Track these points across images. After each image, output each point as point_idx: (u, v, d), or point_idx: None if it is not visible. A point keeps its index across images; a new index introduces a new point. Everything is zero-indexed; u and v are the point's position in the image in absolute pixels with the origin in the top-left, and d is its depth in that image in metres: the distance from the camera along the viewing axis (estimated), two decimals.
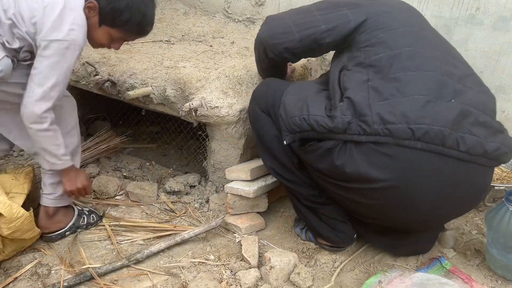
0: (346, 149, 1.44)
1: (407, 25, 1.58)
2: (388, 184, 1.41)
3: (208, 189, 2.17)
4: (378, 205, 1.50)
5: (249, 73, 2.18)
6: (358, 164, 1.42)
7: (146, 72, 2.12)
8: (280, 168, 1.73)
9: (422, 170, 1.39)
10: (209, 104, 1.95)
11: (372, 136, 1.39)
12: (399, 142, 1.37)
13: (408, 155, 1.38)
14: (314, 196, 1.72)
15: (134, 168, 2.40)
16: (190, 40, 2.65)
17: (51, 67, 1.47)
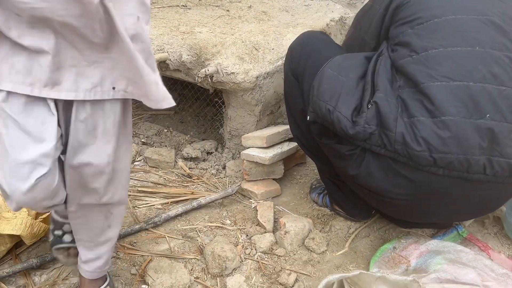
0: (363, 158, 1.34)
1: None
2: (403, 198, 1.34)
3: (224, 155, 2.18)
4: (390, 206, 1.46)
5: (266, 38, 2.14)
6: (373, 178, 1.34)
7: (162, 37, 2.11)
8: (305, 140, 1.69)
9: (441, 193, 1.30)
10: (225, 70, 1.94)
11: (392, 153, 1.28)
12: (418, 167, 1.26)
13: (427, 179, 1.27)
14: (336, 175, 1.66)
15: (152, 134, 2.43)
16: (207, 4, 2.60)
17: None
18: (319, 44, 1.61)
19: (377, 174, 1.32)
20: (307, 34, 1.68)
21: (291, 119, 1.74)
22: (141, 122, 2.53)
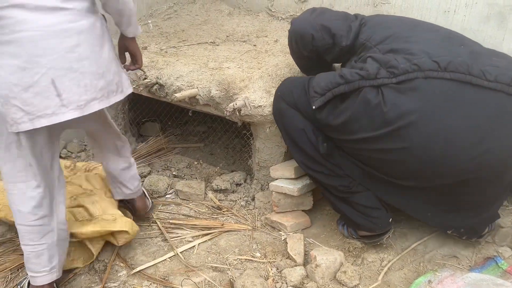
0: (378, 91, 1.52)
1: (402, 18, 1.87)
2: (421, 116, 1.45)
3: (253, 187, 2.20)
4: (411, 149, 1.49)
5: (291, 71, 2.18)
6: (392, 99, 1.49)
7: (192, 74, 2.18)
8: (309, 161, 1.76)
9: (453, 99, 1.45)
10: (253, 103, 1.98)
11: (402, 76, 1.49)
12: (428, 74, 1.47)
13: (439, 85, 1.46)
14: (344, 186, 1.73)
15: (182, 167, 2.48)
16: (234, 40, 2.69)
17: None
18: (302, 77, 1.92)
19: (394, 95, 1.49)
20: (290, 77, 1.99)
21: (294, 148, 1.81)
22: (172, 155, 2.60)
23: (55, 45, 1.33)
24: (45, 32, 1.32)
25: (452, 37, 1.66)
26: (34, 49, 1.31)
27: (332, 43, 1.81)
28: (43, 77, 1.33)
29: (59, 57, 1.34)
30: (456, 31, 1.79)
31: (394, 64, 1.52)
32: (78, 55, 1.37)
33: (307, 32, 1.83)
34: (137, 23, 1.66)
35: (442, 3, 2.24)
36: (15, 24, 1.29)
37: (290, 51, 2.05)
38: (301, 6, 2.80)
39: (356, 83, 1.56)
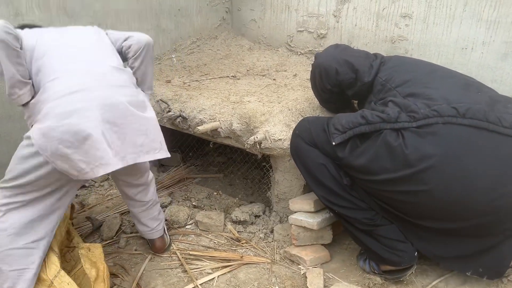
0: (398, 134, 1.58)
1: (419, 62, 1.91)
2: (441, 160, 1.49)
3: (272, 219, 2.21)
4: (432, 192, 1.52)
5: (311, 105, 2.23)
6: (412, 142, 1.53)
7: (214, 107, 2.25)
8: (331, 195, 1.77)
9: (471, 145, 1.49)
10: (273, 137, 2.02)
11: (422, 120, 1.55)
12: (447, 120, 1.52)
13: (457, 131, 1.51)
14: (368, 219, 1.73)
15: (202, 197, 2.52)
16: (255, 74, 2.77)
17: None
18: (321, 117, 1.93)
19: (414, 139, 1.53)
20: (308, 117, 1.98)
21: (314, 184, 1.82)
22: (192, 185, 2.64)
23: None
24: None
25: (469, 84, 1.70)
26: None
27: (355, 78, 1.88)
28: (95, 130, 1.46)
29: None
30: (473, 77, 1.84)
31: (414, 109, 1.57)
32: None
33: (331, 66, 1.91)
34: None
35: (460, 40, 2.29)
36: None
37: (312, 84, 2.11)
38: (320, 42, 2.88)
39: (377, 125, 1.62)
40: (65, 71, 1.54)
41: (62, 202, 1.62)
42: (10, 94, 1.53)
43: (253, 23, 3.21)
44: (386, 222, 1.73)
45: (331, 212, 1.87)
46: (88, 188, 2.56)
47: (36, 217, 1.56)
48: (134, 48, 1.77)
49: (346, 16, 2.70)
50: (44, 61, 1.55)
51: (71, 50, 1.63)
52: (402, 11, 2.46)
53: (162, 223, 2.02)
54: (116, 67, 1.65)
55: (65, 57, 1.59)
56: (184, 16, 2.98)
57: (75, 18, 2.35)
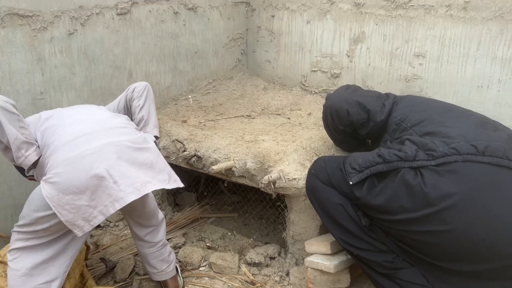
0: (416, 172, 1.55)
1: (433, 101, 1.91)
2: (462, 198, 1.44)
3: (288, 261, 2.16)
4: (453, 232, 1.46)
5: (326, 144, 2.23)
6: (432, 180, 1.50)
7: (228, 147, 2.26)
8: (349, 237, 1.72)
9: (492, 183, 1.45)
10: (287, 176, 2.01)
11: (441, 159, 1.52)
12: (467, 158, 1.49)
13: (477, 169, 1.48)
14: (388, 261, 1.67)
15: (217, 238, 2.48)
16: (269, 113, 2.79)
17: None
18: (336, 156, 1.95)
19: (434, 177, 1.50)
20: (323, 156, 1.97)
21: (331, 225, 1.78)
22: (206, 225, 2.61)
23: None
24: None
25: (485, 122, 1.69)
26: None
27: (367, 118, 1.88)
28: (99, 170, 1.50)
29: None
30: (491, 115, 1.84)
31: (432, 147, 1.55)
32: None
33: (342, 107, 1.91)
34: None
35: (475, 78, 2.28)
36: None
37: (324, 124, 2.11)
38: (334, 82, 2.91)
39: (395, 163, 1.60)
40: (66, 125, 1.64)
41: (74, 243, 1.63)
42: (17, 158, 1.60)
43: (267, 64, 3.27)
44: (407, 265, 1.67)
45: (349, 254, 1.81)
46: (103, 228, 2.56)
47: (48, 258, 1.56)
48: (138, 88, 2.00)
49: (360, 56, 2.74)
50: (49, 123, 1.67)
51: (73, 112, 1.78)
52: (415, 50, 2.48)
53: (172, 264, 1.98)
54: (112, 114, 1.82)
55: (67, 117, 1.72)
56: (201, 58, 3.07)
57: (95, 62, 2.44)
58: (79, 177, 1.46)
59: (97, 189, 1.48)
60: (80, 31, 2.33)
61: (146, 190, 1.56)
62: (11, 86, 2.11)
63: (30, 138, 1.61)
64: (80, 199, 1.46)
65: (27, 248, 1.55)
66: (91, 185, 1.47)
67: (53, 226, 1.52)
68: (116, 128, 1.68)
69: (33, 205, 1.52)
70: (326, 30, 2.85)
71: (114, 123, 1.72)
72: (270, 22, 3.15)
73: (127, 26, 2.55)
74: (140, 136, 1.71)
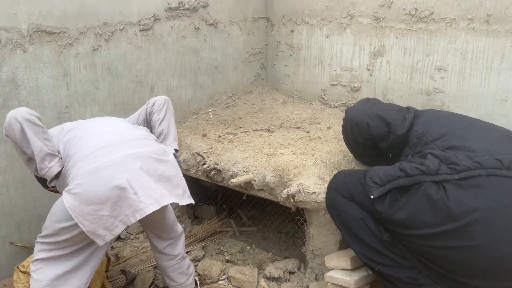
0: (439, 186, 1.52)
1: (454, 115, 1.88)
2: (487, 213, 1.41)
3: (307, 276, 2.13)
4: (479, 247, 1.42)
5: (345, 158, 2.21)
6: (455, 195, 1.47)
7: (248, 160, 2.27)
8: (371, 252, 1.69)
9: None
10: (307, 190, 2.00)
11: (464, 173, 1.49)
12: (491, 172, 1.46)
13: (502, 184, 1.44)
14: (411, 277, 1.63)
15: (235, 251, 2.48)
16: (288, 127, 2.79)
17: None
18: (357, 170, 1.92)
19: (457, 191, 1.47)
20: (344, 170, 1.97)
21: (351, 239, 1.75)
22: (225, 238, 2.61)
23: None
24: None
25: (509, 136, 1.66)
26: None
27: (387, 131, 1.86)
28: (120, 181, 1.52)
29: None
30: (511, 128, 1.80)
31: (455, 161, 1.53)
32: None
33: (363, 121, 1.90)
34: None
35: (498, 92, 2.24)
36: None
37: (344, 138, 2.10)
38: (354, 95, 2.90)
39: (417, 178, 1.57)
40: (88, 136, 1.67)
41: (96, 254, 1.65)
42: (40, 169, 1.63)
43: (287, 78, 3.29)
44: (430, 282, 1.62)
45: (370, 270, 1.78)
46: (123, 240, 2.58)
47: (71, 269, 1.59)
48: (158, 102, 2.02)
49: (380, 70, 2.73)
50: (71, 135, 1.71)
51: (95, 124, 1.81)
52: (436, 64, 2.46)
53: (191, 277, 1.98)
54: (133, 126, 1.86)
55: (89, 128, 1.75)
56: (221, 72, 3.11)
57: (118, 77, 2.50)
58: (101, 188, 1.49)
59: (119, 199, 1.50)
60: (104, 47, 2.40)
61: (165, 202, 1.58)
62: (37, 101, 2.19)
63: (53, 150, 1.65)
64: (102, 209, 1.48)
65: (50, 259, 1.58)
66: (112, 196, 1.49)
67: (75, 236, 1.54)
68: (136, 140, 1.71)
69: (56, 216, 1.55)
70: (345, 44, 2.86)
71: (135, 134, 1.75)
72: (289, 37, 3.18)
73: (149, 42, 2.61)
74: (160, 148, 1.74)
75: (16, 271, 1.81)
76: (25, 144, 1.60)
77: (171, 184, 1.65)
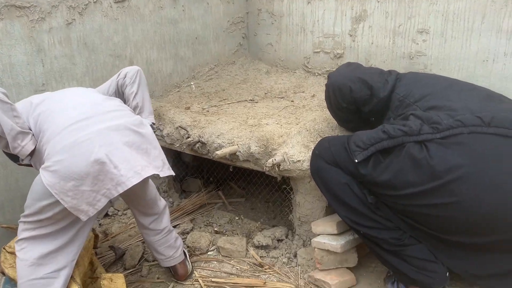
0: (421, 146, 1.54)
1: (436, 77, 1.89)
2: (469, 170, 1.44)
3: (295, 243, 2.16)
4: (461, 203, 1.46)
5: (329, 125, 2.21)
6: (438, 153, 1.50)
7: (232, 131, 2.25)
8: (356, 216, 1.72)
9: (499, 154, 1.45)
10: (291, 158, 2.00)
11: (446, 131, 1.51)
12: (472, 130, 1.49)
13: (483, 140, 1.47)
14: (395, 238, 1.67)
15: (224, 222, 2.50)
16: (273, 97, 2.77)
17: None
18: (340, 136, 1.90)
19: (440, 150, 1.50)
20: (327, 137, 1.94)
21: (337, 204, 1.77)
22: (214, 210, 2.62)
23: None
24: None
25: (490, 95, 1.67)
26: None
27: (370, 94, 1.86)
28: (98, 155, 1.50)
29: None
30: (497, 89, 1.82)
31: (437, 120, 1.54)
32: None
33: (345, 85, 1.89)
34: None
35: (480, 53, 2.24)
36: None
37: (328, 104, 2.09)
38: (337, 62, 2.87)
39: (400, 139, 1.58)
40: (60, 110, 1.61)
41: (81, 232, 1.64)
42: (13, 148, 1.56)
43: (269, 47, 3.24)
44: (414, 242, 1.66)
45: (356, 233, 1.81)
46: (111, 217, 2.58)
47: (57, 248, 1.58)
48: (130, 74, 1.93)
49: (362, 35, 2.69)
50: (41, 109, 1.63)
51: (65, 96, 1.74)
52: (418, 27, 2.44)
53: (179, 250, 2.00)
54: (106, 97, 1.78)
55: (59, 102, 1.67)
56: (202, 43, 3.04)
57: (95, 52, 2.43)
58: (80, 163, 1.46)
59: (99, 174, 1.48)
60: (78, 20, 2.32)
61: (146, 174, 1.57)
62: (12, 79, 2.12)
63: (24, 127, 1.57)
64: (82, 184, 1.46)
65: (34, 237, 1.56)
66: (92, 170, 1.47)
67: (57, 213, 1.53)
68: (112, 112, 1.66)
69: (36, 194, 1.52)
70: (327, 10, 2.81)
71: (109, 106, 1.69)
72: (270, 4, 3.11)
73: (125, 14, 2.53)
74: (136, 118, 1.70)
75: (3, 252, 1.80)
76: None
77: (150, 156, 1.63)
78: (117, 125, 1.59)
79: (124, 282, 1.77)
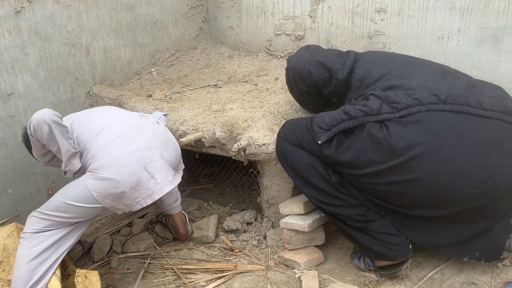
0: (381, 125, 1.59)
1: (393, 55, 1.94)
2: (427, 147, 1.50)
3: (264, 225, 2.19)
4: (420, 180, 1.52)
5: (293, 107, 2.22)
6: (397, 132, 1.54)
7: (196, 118, 2.23)
8: (321, 195, 1.76)
9: (455, 130, 1.50)
10: (257, 142, 2.01)
11: (404, 110, 1.56)
12: (429, 108, 1.54)
13: (440, 117, 1.52)
14: (360, 215, 1.72)
15: (193, 209, 2.49)
16: (236, 81, 2.75)
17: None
18: (303, 118, 1.95)
19: (399, 129, 1.54)
20: (291, 119, 1.96)
21: (302, 184, 1.81)
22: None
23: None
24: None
25: (445, 71, 1.73)
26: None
27: (329, 76, 1.88)
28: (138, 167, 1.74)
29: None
30: (452, 65, 1.91)
31: (396, 100, 1.58)
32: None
33: (304, 68, 1.90)
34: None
35: (435, 30, 2.30)
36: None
37: (289, 88, 2.10)
38: (298, 44, 2.87)
39: (361, 119, 1.62)
40: (102, 129, 1.78)
41: (76, 231, 1.77)
42: (65, 166, 1.75)
43: (230, 31, 3.20)
44: (378, 217, 1.72)
45: (322, 212, 1.85)
46: None
47: (53, 243, 1.70)
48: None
49: (322, 16, 2.70)
50: (79, 130, 1.81)
51: (98, 115, 1.91)
52: (376, 6, 2.47)
53: (178, 200, 2.20)
54: (132, 113, 1.99)
55: (94, 121, 1.85)
56: (161, 29, 2.97)
57: (49, 41, 2.33)
58: (121, 175, 1.66)
59: (137, 184, 1.70)
60: (28, 8, 2.21)
61: (176, 181, 1.85)
62: None
63: (75, 147, 1.74)
64: (122, 192, 1.67)
65: (40, 232, 1.68)
66: (133, 181, 1.68)
67: (79, 214, 1.70)
68: (144, 125, 1.87)
69: (72, 195, 1.67)
70: None
71: (140, 121, 1.90)
72: None
73: (78, 0, 2.43)
74: (162, 129, 1.93)
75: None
76: (52, 144, 1.68)
77: (175, 162, 1.90)
78: (152, 138, 1.81)
79: (99, 279, 1.75)
